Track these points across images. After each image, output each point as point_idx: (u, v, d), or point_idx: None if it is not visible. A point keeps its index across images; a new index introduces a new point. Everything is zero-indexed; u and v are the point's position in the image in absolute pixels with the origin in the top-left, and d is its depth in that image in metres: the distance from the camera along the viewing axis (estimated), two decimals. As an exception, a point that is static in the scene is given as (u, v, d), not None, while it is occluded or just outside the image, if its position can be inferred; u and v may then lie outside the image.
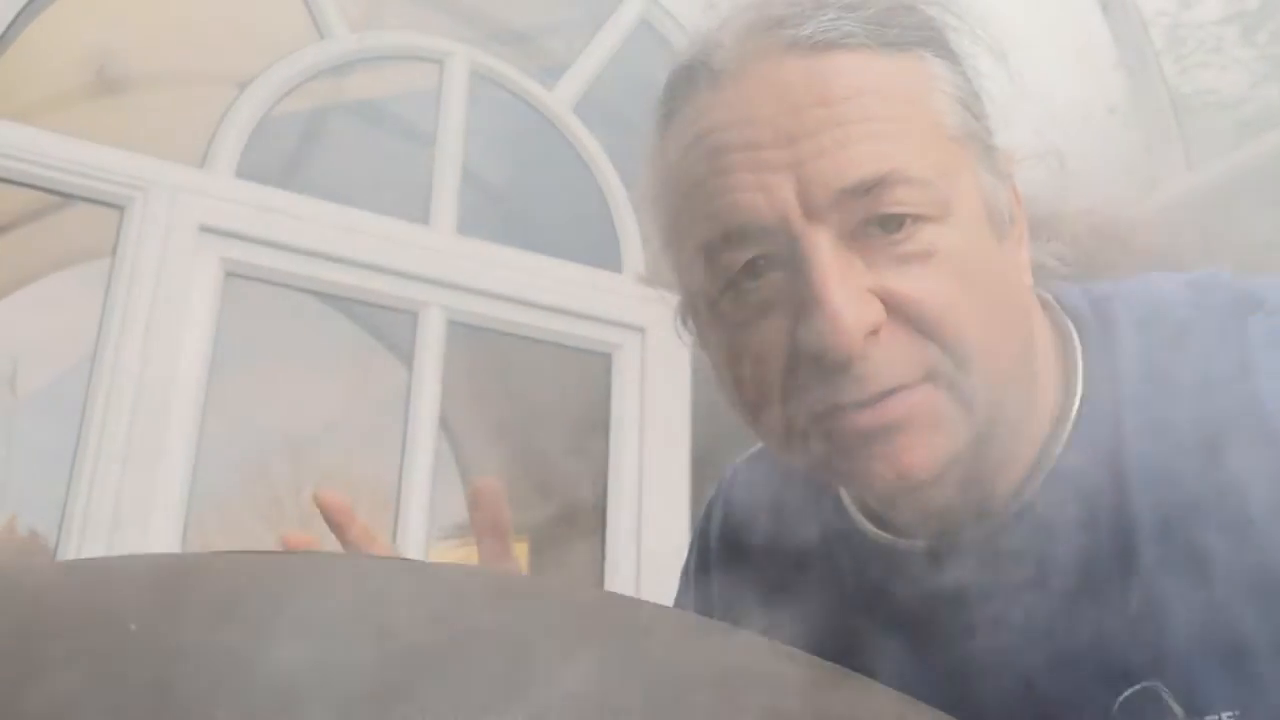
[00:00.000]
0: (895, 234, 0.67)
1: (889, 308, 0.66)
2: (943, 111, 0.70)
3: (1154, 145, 2.76)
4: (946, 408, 0.68)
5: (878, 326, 0.66)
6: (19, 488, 2.81)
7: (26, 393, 2.89)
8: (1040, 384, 0.74)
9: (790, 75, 0.68)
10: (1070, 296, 0.79)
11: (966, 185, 0.70)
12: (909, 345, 0.67)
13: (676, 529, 2.73)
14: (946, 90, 0.71)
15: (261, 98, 2.72)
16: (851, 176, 0.66)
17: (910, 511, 0.75)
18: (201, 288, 2.53)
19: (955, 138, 0.70)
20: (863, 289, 0.66)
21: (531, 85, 3.08)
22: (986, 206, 0.71)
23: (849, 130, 0.66)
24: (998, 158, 0.73)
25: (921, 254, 0.67)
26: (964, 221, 0.69)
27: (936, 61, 0.71)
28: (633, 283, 2.90)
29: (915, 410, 0.67)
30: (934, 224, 0.67)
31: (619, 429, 2.88)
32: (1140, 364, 0.73)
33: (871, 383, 0.67)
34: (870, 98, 0.67)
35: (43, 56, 2.71)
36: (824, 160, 0.66)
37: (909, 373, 0.67)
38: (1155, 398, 0.71)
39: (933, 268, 0.67)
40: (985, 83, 0.74)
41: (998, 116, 0.74)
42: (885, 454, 0.67)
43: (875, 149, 0.66)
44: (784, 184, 0.66)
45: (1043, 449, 0.74)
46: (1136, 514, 0.69)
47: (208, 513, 2.55)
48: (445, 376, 2.72)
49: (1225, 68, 2.75)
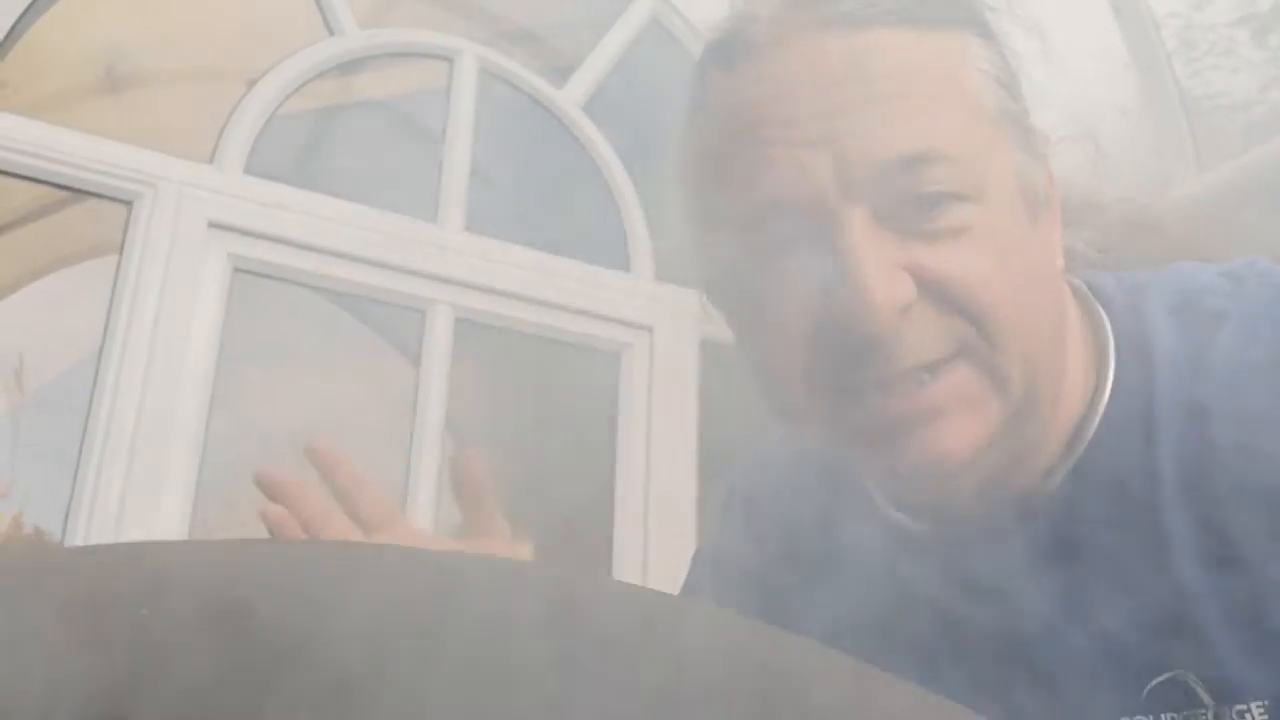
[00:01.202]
0: (930, 212, 0.66)
1: (920, 285, 0.66)
2: (980, 90, 0.70)
3: (1165, 147, 2.75)
4: (981, 388, 0.67)
5: (909, 303, 0.66)
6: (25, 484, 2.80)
7: (33, 388, 2.89)
8: (1071, 368, 0.74)
9: (828, 52, 0.68)
10: (1102, 283, 0.78)
11: (1002, 165, 0.69)
12: (940, 322, 0.66)
13: (683, 528, 2.72)
14: (984, 69, 0.70)
15: (271, 94, 2.72)
16: (888, 154, 0.65)
17: (941, 496, 0.74)
18: (209, 284, 2.53)
19: (992, 117, 0.70)
20: (895, 266, 0.66)
21: (541, 83, 3.07)
22: (1021, 187, 0.70)
23: (886, 107, 0.66)
24: (1034, 138, 0.73)
25: (954, 231, 0.67)
26: (998, 201, 0.68)
27: (975, 41, 0.71)
28: (641, 282, 2.90)
29: (950, 394, 0.67)
30: (968, 202, 0.67)
31: (626, 427, 2.88)
32: (1174, 350, 0.72)
33: (903, 359, 0.66)
34: (908, 75, 0.67)
35: (52, 52, 2.71)
36: (861, 137, 0.66)
37: (941, 349, 0.67)
38: (1190, 384, 0.70)
39: (965, 245, 0.67)
40: (1023, 64, 0.74)
41: (1034, 98, 0.74)
42: (921, 440, 0.67)
43: (912, 126, 0.66)
44: (821, 160, 0.66)
45: (1074, 434, 0.73)
46: (1169, 501, 0.69)
47: (210, 510, 2.54)
48: (452, 374, 2.72)
49: (1236, 70, 2.74)
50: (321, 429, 3.00)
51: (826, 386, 0.68)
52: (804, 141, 0.67)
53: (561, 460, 3.02)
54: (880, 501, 0.80)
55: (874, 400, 0.67)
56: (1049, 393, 0.71)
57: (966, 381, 0.67)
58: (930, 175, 0.66)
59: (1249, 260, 0.76)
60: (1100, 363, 0.75)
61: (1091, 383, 0.74)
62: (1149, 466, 0.70)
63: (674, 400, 2.90)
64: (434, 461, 2.62)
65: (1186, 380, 0.71)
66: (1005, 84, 0.71)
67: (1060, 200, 0.75)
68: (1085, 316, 0.77)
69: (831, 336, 0.67)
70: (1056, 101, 0.78)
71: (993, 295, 0.67)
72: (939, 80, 0.68)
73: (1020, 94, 0.73)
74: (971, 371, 0.67)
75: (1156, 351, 0.73)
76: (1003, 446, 0.69)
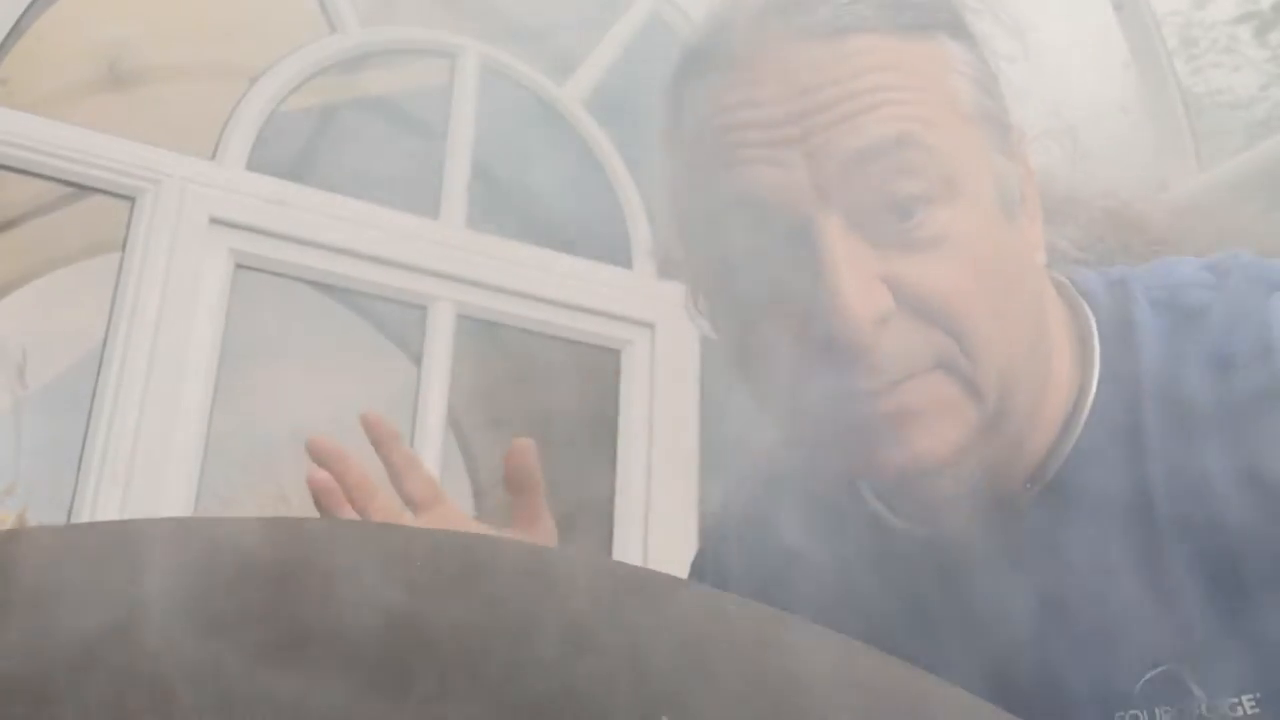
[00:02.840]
0: (906, 221, 0.66)
1: (899, 297, 0.66)
2: (958, 91, 0.70)
3: (1165, 145, 2.75)
4: (956, 395, 0.68)
5: (888, 315, 0.66)
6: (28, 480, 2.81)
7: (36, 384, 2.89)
8: (1055, 367, 0.74)
9: (804, 61, 0.68)
10: (1085, 279, 0.79)
11: (979, 165, 0.69)
12: (919, 333, 0.67)
13: (685, 525, 2.73)
14: (963, 72, 0.71)
15: (273, 91, 2.72)
16: (862, 139, 0.65)
17: (926, 498, 0.75)
18: (211, 280, 2.53)
19: (970, 117, 0.70)
20: (873, 277, 0.66)
21: (542, 80, 3.08)
22: (998, 188, 0.70)
23: (861, 100, 0.66)
24: (1012, 136, 0.73)
25: (932, 240, 0.67)
26: (975, 204, 0.68)
27: (953, 44, 0.71)
28: (643, 279, 2.90)
29: (926, 398, 0.67)
30: (945, 208, 0.67)
31: (628, 425, 2.88)
32: (1158, 345, 0.72)
33: (882, 371, 0.66)
34: (883, 74, 0.67)
35: (55, 49, 2.71)
36: (835, 130, 0.66)
37: (920, 361, 0.67)
38: (1175, 378, 0.71)
39: (943, 254, 0.67)
40: (1003, 64, 0.74)
41: (1014, 97, 0.74)
42: (897, 441, 0.67)
43: (887, 113, 0.66)
44: (795, 160, 0.66)
45: (1061, 432, 0.74)
46: (1157, 496, 0.69)
47: (212, 507, 2.54)
48: (453, 371, 2.72)
49: (1238, 68, 2.74)
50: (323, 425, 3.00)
51: (808, 393, 0.68)
52: (779, 142, 0.67)
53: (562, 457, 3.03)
54: (870, 499, 0.81)
55: (851, 403, 0.67)
56: (1029, 397, 0.71)
57: (943, 388, 0.67)
58: (905, 163, 0.66)
59: (1232, 253, 0.76)
60: (1085, 358, 0.75)
61: (1077, 379, 0.75)
62: (1135, 462, 0.70)
63: (676, 397, 2.90)
64: (436, 458, 2.62)
65: (1170, 374, 0.71)
66: (984, 85, 0.71)
67: (1040, 196, 0.75)
68: (1069, 312, 0.77)
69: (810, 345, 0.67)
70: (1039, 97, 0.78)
71: (971, 308, 0.67)
72: (916, 80, 0.68)
73: (999, 93, 0.73)
74: (948, 379, 0.67)
75: (1141, 346, 0.73)
76: (982, 451, 0.69)
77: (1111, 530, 0.70)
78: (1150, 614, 0.68)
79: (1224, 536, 0.67)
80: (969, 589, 0.75)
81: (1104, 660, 0.70)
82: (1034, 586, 0.72)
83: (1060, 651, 0.71)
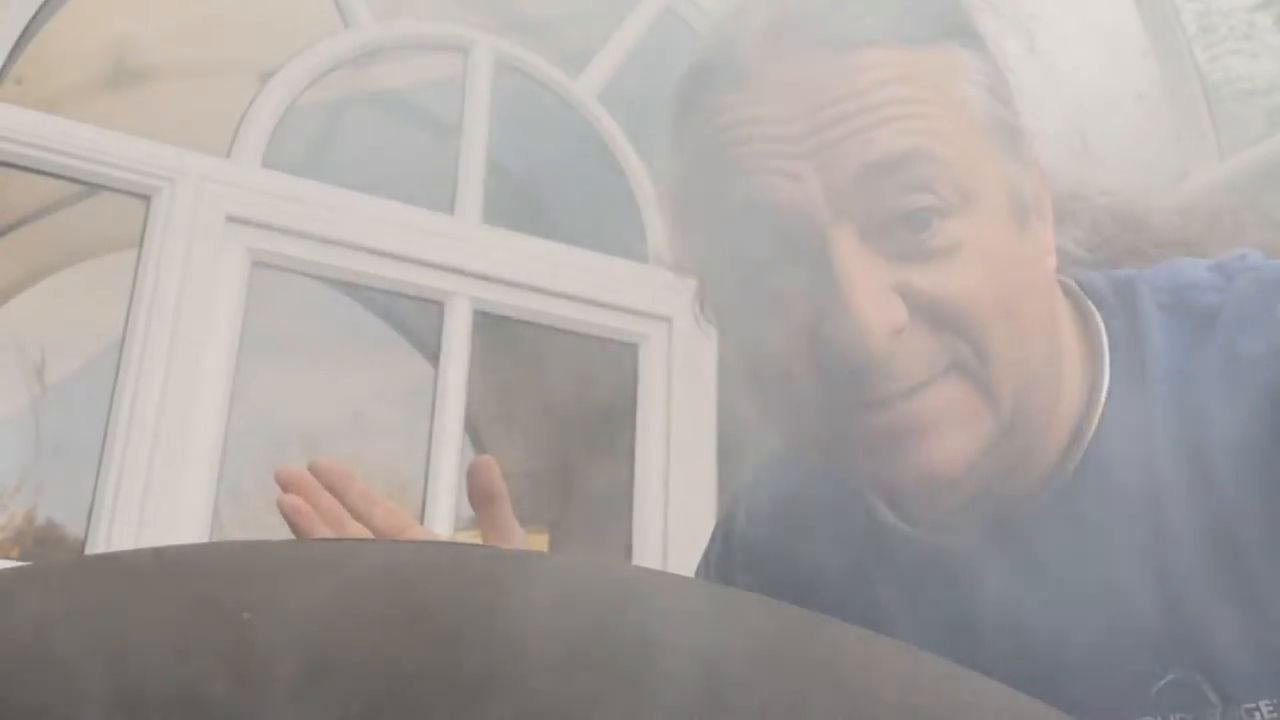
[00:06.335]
0: (920, 233, 0.66)
1: (912, 307, 0.66)
2: (970, 100, 0.69)
3: (1184, 133, 2.73)
4: (971, 401, 0.67)
5: (901, 328, 0.65)
6: (46, 477, 2.82)
7: (54, 382, 2.90)
8: (1065, 371, 0.73)
9: (814, 75, 0.67)
10: (1092, 281, 0.78)
11: (992, 174, 0.69)
12: (932, 340, 0.66)
13: (703, 519, 2.73)
14: (974, 80, 0.70)
15: (287, 87, 2.72)
16: (874, 153, 0.65)
17: (938, 505, 0.74)
18: (228, 277, 2.54)
19: (982, 126, 0.69)
20: (886, 288, 0.65)
21: (556, 74, 3.07)
22: (1010, 194, 0.70)
23: (873, 114, 0.66)
24: (1024, 141, 0.72)
25: (945, 250, 0.66)
26: (987, 212, 0.68)
27: (964, 53, 0.70)
28: (659, 272, 2.89)
29: (940, 405, 0.66)
30: (958, 219, 0.66)
31: (645, 419, 2.88)
32: (1168, 348, 0.72)
33: (896, 380, 0.66)
34: (895, 86, 0.67)
35: (68, 47, 2.72)
36: (847, 142, 0.65)
37: (934, 365, 0.66)
38: (1185, 382, 0.70)
39: (956, 263, 0.66)
40: (1012, 64, 0.73)
41: (1025, 99, 0.73)
42: (912, 454, 0.67)
43: (900, 127, 0.66)
44: (808, 172, 0.66)
45: (1072, 437, 0.73)
46: (1170, 500, 0.68)
47: (226, 505, 2.55)
48: (470, 367, 2.72)
49: (1257, 55, 2.72)
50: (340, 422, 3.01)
51: (818, 404, 0.68)
52: (792, 155, 0.66)
53: (580, 452, 3.03)
54: (880, 509, 0.80)
55: (865, 416, 0.67)
56: (1042, 403, 0.71)
57: (958, 395, 0.67)
58: (919, 176, 0.65)
59: (1239, 254, 0.75)
60: (1095, 363, 0.74)
61: (1087, 384, 0.74)
62: (1147, 467, 0.69)
63: (693, 391, 2.90)
64: (454, 453, 2.62)
65: (1180, 378, 0.70)
66: (996, 92, 0.71)
67: (1050, 196, 0.75)
68: (1078, 316, 0.77)
69: (823, 358, 0.66)
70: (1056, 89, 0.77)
71: (985, 312, 0.66)
72: (928, 91, 0.68)
73: (1011, 98, 0.72)
74: (964, 385, 0.67)
75: (1150, 350, 0.72)
76: (996, 458, 0.68)
77: (1123, 536, 0.69)
78: (1164, 620, 0.68)
79: (1237, 542, 0.66)
80: (980, 596, 0.74)
81: (1118, 667, 0.69)
82: (1046, 593, 0.71)
83: (1074, 659, 0.71)
